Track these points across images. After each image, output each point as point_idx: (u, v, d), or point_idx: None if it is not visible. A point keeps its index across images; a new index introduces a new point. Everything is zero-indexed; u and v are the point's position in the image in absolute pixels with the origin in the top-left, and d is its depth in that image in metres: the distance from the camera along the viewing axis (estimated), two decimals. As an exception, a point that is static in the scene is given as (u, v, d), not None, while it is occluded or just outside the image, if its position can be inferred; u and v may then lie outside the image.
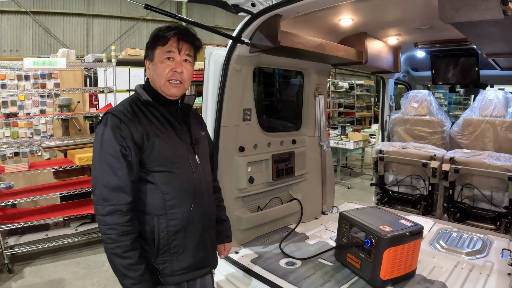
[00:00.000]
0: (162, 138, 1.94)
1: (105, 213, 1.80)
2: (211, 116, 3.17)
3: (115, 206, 1.80)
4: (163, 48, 1.94)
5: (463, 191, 4.43)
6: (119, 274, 1.84)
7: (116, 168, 1.82)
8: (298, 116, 4.19)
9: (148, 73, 2.03)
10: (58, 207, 5.55)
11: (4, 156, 6.48)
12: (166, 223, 1.94)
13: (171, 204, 1.94)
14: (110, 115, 1.87)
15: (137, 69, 7.36)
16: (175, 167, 1.97)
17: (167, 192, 1.94)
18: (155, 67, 1.96)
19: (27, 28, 13.99)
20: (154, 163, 1.91)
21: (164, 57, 1.94)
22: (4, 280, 4.59)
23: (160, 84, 1.96)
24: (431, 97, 5.07)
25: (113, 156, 1.82)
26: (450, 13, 2.18)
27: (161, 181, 1.93)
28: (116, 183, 1.81)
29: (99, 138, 1.85)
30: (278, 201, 3.83)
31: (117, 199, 1.81)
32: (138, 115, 1.92)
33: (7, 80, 6.31)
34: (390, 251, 2.52)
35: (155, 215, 1.93)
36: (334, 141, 9.39)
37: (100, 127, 1.88)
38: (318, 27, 3.64)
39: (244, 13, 2.78)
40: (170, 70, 1.94)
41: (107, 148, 1.83)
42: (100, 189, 1.82)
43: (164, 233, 1.94)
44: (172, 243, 1.97)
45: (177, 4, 17.19)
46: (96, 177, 1.85)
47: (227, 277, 2.96)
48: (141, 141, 1.87)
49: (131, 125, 1.86)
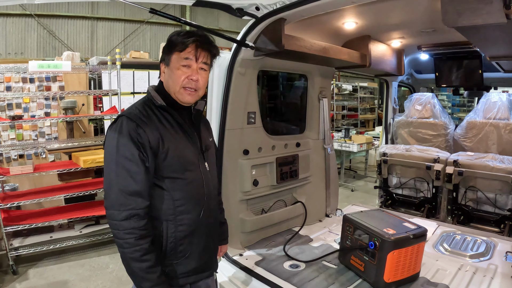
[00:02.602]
0: (175, 144, 1.92)
1: (123, 218, 1.77)
2: (216, 119, 3.18)
3: (133, 211, 1.79)
4: (181, 54, 1.91)
5: (467, 194, 4.43)
6: (137, 277, 1.82)
7: (134, 172, 1.80)
8: (302, 119, 4.20)
9: (163, 77, 2.01)
10: (63, 209, 5.57)
11: (9, 158, 6.51)
12: (175, 229, 1.95)
13: (180, 210, 1.95)
14: (126, 118, 1.84)
15: (141, 72, 7.37)
16: (187, 174, 1.97)
17: (177, 198, 1.94)
18: (171, 72, 1.94)
19: (32, 31, 14.07)
20: (167, 169, 1.90)
21: (181, 63, 1.91)
22: (8, 282, 4.61)
23: (175, 91, 1.95)
24: (435, 99, 5.07)
25: (130, 161, 1.80)
26: (453, 17, 2.19)
27: (172, 188, 1.93)
28: (134, 188, 1.80)
29: (114, 142, 1.82)
30: (282, 203, 3.84)
31: (135, 204, 1.79)
32: (152, 119, 1.90)
33: (12, 83, 6.35)
34: (394, 253, 2.52)
35: (164, 220, 1.93)
36: (337, 144, 9.39)
37: (115, 130, 1.84)
38: (322, 30, 3.66)
39: (248, 17, 2.80)
40: (186, 78, 1.92)
41: (124, 152, 1.80)
42: (116, 194, 1.79)
43: (172, 238, 1.95)
44: (179, 247, 1.97)
45: (181, 8, 17.24)
46: (111, 181, 1.81)
47: (232, 279, 2.97)
48: (156, 146, 1.85)
49: (148, 129, 1.84)
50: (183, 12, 17.33)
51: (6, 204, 4.84)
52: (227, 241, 2.62)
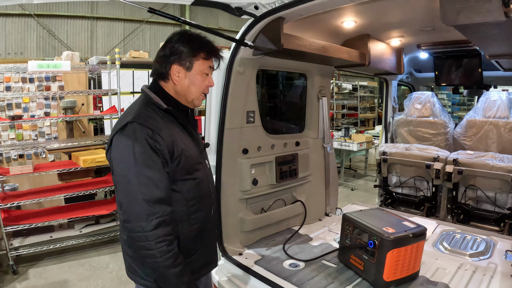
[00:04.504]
0: (185, 146, 1.93)
1: (152, 227, 1.73)
2: (215, 118, 3.17)
3: (161, 218, 1.76)
4: (206, 62, 1.96)
5: (466, 193, 4.42)
6: (171, 284, 1.81)
7: (158, 180, 1.78)
8: (301, 118, 4.19)
9: (177, 80, 1.95)
10: (63, 209, 5.58)
11: (9, 158, 6.52)
12: (189, 228, 1.97)
13: (193, 209, 1.98)
14: (138, 125, 1.79)
15: (141, 71, 7.36)
16: (196, 173, 2.00)
17: (190, 198, 1.96)
18: (193, 78, 1.95)
19: (32, 30, 14.06)
20: (180, 172, 1.91)
21: (205, 71, 1.97)
22: (8, 281, 4.62)
23: (194, 97, 1.99)
24: (435, 98, 5.06)
25: (151, 168, 1.77)
26: (452, 15, 2.19)
27: (186, 189, 1.94)
28: (159, 196, 1.77)
29: (130, 150, 1.76)
30: (282, 203, 3.84)
31: (162, 211, 1.77)
32: (162, 123, 1.89)
33: (11, 83, 6.36)
34: (393, 252, 2.52)
35: (179, 221, 1.93)
36: (337, 143, 9.41)
37: (127, 137, 1.79)
38: (321, 29, 3.65)
39: (247, 16, 2.79)
40: (207, 86, 1.99)
41: (144, 161, 1.76)
42: (141, 204, 1.74)
43: (187, 238, 1.96)
44: (192, 246, 2.00)
45: (180, 7, 17.23)
46: (132, 192, 1.75)
47: (231, 278, 2.97)
48: (172, 150, 1.85)
49: (163, 134, 1.83)
50: (182, 12, 17.33)
51: (6, 204, 4.85)
52: None
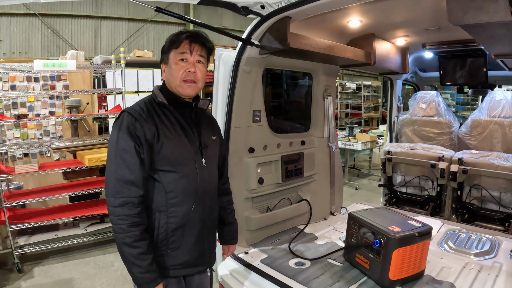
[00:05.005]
0: (171, 139, 2.04)
1: (117, 204, 1.90)
2: (221, 117, 3.18)
3: (127, 198, 1.91)
4: (177, 50, 2.05)
5: (471, 192, 4.42)
6: (128, 262, 1.93)
7: (130, 163, 1.93)
8: (307, 117, 4.19)
9: (164, 76, 2.14)
10: (68, 207, 5.60)
11: (14, 157, 6.54)
12: (166, 220, 2.05)
13: (172, 202, 2.05)
14: (126, 113, 1.99)
15: (145, 71, 7.38)
16: (181, 168, 2.07)
17: (170, 190, 2.04)
18: (170, 69, 2.07)
19: (36, 30, 14.13)
20: (161, 163, 2.02)
21: (178, 58, 2.04)
22: (14, 280, 4.65)
23: (176, 85, 2.07)
24: (439, 98, 5.05)
25: (127, 152, 1.93)
26: (459, 15, 2.20)
27: (166, 180, 2.04)
28: (129, 177, 1.92)
29: (115, 134, 1.97)
30: (287, 201, 3.85)
31: (129, 192, 1.92)
32: (152, 115, 2.03)
33: (16, 82, 6.37)
34: (399, 251, 2.53)
35: (157, 211, 2.04)
36: (342, 142, 9.40)
37: (117, 124, 1.99)
38: (327, 28, 3.66)
39: (253, 15, 2.80)
40: (184, 71, 2.04)
41: (122, 144, 1.94)
42: (113, 182, 1.93)
43: (164, 229, 2.05)
44: (170, 239, 2.07)
45: (184, 6, 17.24)
46: (110, 170, 1.96)
47: (237, 276, 2.97)
48: (152, 140, 1.98)
49: (145, 124, 1.97)
50: (186, 11, 17.35)
51: (11, 202, 4.88)
52: (235, 241, 2.67)
